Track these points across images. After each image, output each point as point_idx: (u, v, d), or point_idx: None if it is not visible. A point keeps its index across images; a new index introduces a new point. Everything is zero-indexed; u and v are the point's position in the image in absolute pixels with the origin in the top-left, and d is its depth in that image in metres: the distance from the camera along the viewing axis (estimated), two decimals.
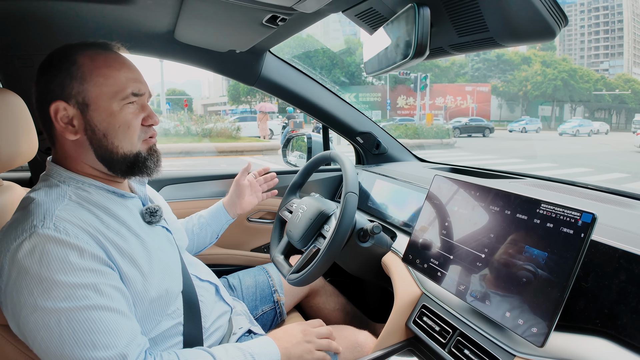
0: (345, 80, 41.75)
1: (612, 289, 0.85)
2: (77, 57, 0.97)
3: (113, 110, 0.97)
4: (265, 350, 1.07)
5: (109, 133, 0.98)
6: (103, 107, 0.97)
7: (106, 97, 0.97)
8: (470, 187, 1.09)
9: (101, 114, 0.97)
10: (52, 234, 0.85)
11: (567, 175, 11.41)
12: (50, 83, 0.96)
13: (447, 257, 1.08)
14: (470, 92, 43.50)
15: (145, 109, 1.04)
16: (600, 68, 64.66)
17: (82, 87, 0.96)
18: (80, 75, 0.95)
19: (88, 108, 0.97)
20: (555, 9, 0.85)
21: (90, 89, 0.96)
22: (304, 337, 1.16)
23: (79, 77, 0.95)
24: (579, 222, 0.81)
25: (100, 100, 0.97)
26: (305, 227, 1.40)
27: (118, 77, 0.98)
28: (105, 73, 0.97)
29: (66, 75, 0.96)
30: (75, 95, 0.96)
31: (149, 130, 1.05)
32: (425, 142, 19.97)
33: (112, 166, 1.02)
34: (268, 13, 1.23)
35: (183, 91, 58.37)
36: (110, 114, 0.97)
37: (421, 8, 0.91)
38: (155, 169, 1.08)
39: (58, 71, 0.96)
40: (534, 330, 0.82)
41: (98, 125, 0.98)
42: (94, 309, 0.84)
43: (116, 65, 0.99)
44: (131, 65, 1.03)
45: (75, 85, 0.95)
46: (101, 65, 0.97)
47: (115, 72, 0.98)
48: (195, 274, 1.25)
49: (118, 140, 1.00)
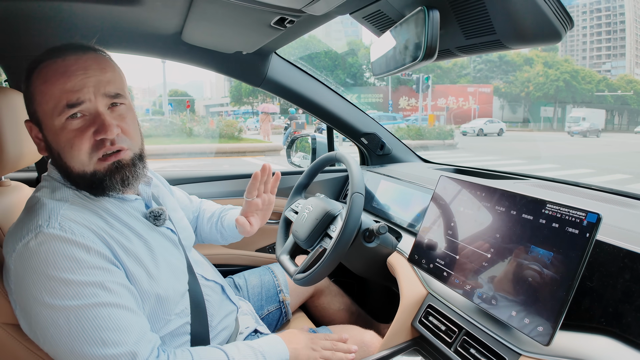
0: (347, 81, 41.72)
1: (617, 288, 0.86)
2: (32, 74, 0.94)
3: (56, 128, 0.92)
4: (275, 349, 1.08)
5: (60, 152, 0.95)
6: (49, 126, 0.93)
7: (47, 115, 0.92)
8: (476, 188, 1.10)
9: (49, 134, 0.94)
10: (58, 234, 0.86)
11: (570, 176, 11.39)
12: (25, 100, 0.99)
13: (453, 257, 1.08)
14: (472, 93, 43.42)
15: (96, 121, 0.93)
16: (603, 69, 64.45)
17: (32, 107, 0.95)
18: (30, 96, 0.95)
19: (41, 128, 0.96)
20: (561, 11, 0.86)
21: (37, 109, 0.94)
22: (311, 344, 1.17)
23: (29, 98, 0.95)
24: (584, 222, 0.82)
25: (45, 119, 0.93)
26: (311, 227, 1.41)
27: (52, 91, 0.91)
28: (42, 90, 0.92)
29: (25, 95, 0.97)
30: (32, 115, 0.96)
31: (101, 145, 0.94)
32: (428, 143, 19.94)
33: (76, 185, 0.98)
34: (277, 15, 1.24)
35: (185, 92, 58.41)
36: (54, 133, 0.93)
37: (431, 11, 0.92)
38: (120, 189, 0.99)
39: (25, 89, 0.96)
40: (539, 329, 0.83)
41: (52, 144, 0.96)
42: (103, 306, 0.85)
43: (52, 78, 0.91)
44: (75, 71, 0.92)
45: (30, 106, 0.96)
46: (41, 82, 0.92)
47: (50, 86, 0.91)
48: (201, 273, 1.25)
49: (67, 160, 0.94)
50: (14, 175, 1.79)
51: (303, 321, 1.65)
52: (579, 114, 34.81)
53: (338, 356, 1.18)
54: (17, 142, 1.07)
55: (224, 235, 1.49)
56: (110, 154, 0.95)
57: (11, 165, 1.07)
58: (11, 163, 1.06)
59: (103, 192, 0.98)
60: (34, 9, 1.33)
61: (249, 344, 1.06)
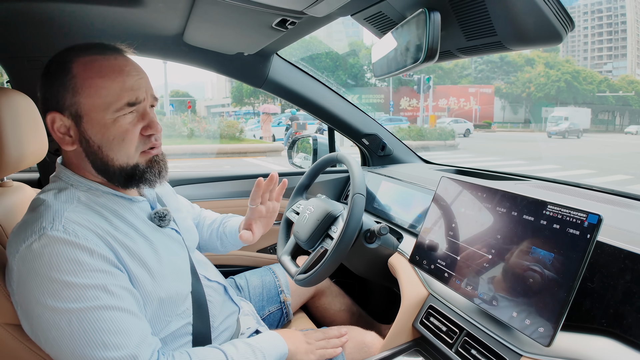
0: (348, 82, 41.70)
1: (618, 289, 0.86)
2: (72, 65, 0.94)
3: (106, 122, 0.94)
4: (273, 345, 1.10)
5: (104, 145, 0.96)
6: (96, 120, 0.94)
7: (99, 109, 0.93)
8: (477, 189, 1.10)
9: (94, 126, 0.94)
10: (62, 236, 0.85)
11: (571, 177, 11.38)
12: (47, 92, 0.95)
13: (454, 258, 1.09)
14: (474, 93, 43.36)
15: (145, 118, 0.99)
16: (604, 70, 64.36)
17: (74, 99, 0.93)
18: (72, 87, 0.93)
19: (81, 120, 0.94)
20: (562, 13, 0.86)
21: (83, 101, 0.93)
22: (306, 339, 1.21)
23: (71, 89, 0.93)
24: (585, 223, 0.82)
25: (92, 112, 0.94)
26: (312, 228, 1.41)
27: (111, 87, 0.93)
28: (97, 84, 0.93)
29: (60, 85, 0.93)
30: (69, 107, 0.94)
31: (148, 140, 1.01)
32: (429, 143, 19.94)
33: (110, 178, 1.00)
34: (278, 17, 1.24)
35: (186, 93, 58.33)
36: (103, 126, 0.94)
37: (432, 13, 0.92)
38: (156, 180, 1.04)
39: (54, 80, 0.94)
40: (540, 330, 0.83)
41: (92, 137, 0.95)
42: (105, 309, 0.85)
43: (110, 74, 0.94)
44: (130, 71, 0.97)
45: (68, 97, 0.93)
46: (94, 75, 0.93)
47: (108, 82, 0.93)
48: (204, 274, 1.25)
49: (113, 153, 0.96)
50: (16, 175, 1.79)
51: (304, 322, 1.65)
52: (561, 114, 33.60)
53: (332, 343, 1.26)
54: (19, 142, 1.07)
55: (224, 242, 1.48)
56: (152, 148, 1.02)
57: (13, 166, 1.07)
58: (13, 164, 1.06)
59: (138, 184, 1.02)
60: (36, 10, 1.34)
61: (247, 342, 1.06)
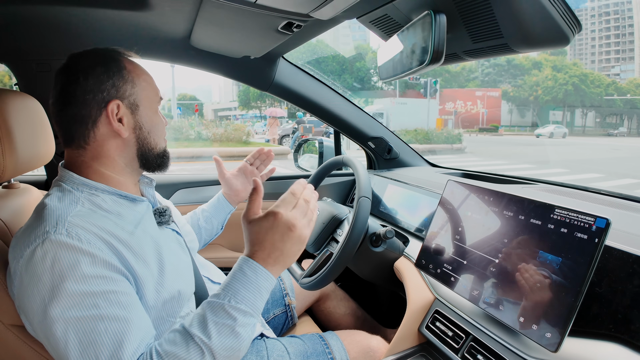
0: (354, 85, 41.73)
1: (626, 294, 0.85)
2: (123, 62, 1.04)
3: (154, 110, 1.10)
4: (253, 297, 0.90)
5: (152, 131, 1.09)
6: (149, 108, 1.08)
7: (149, 99, 1.08)
8: (484, 192, 1.09)
9: (147, 114, 1.07)
10: (65, 240, 0.85)
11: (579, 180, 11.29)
12: (102, 83, 0.99)
13: (461, 262, 1.08)
14: (481, 97, 43.28)
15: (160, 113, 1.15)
16: (612, 73, 64.09)
17: (133, 89, 1.04)
18: (131, 79, 1.04)
19: (138, 109, 1.05)
20: (569, 15, 0.86)
21: (139, 92, 1.05)
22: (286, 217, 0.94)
23: (130, 81, 1.04)
24: (593, 227, 0.81)
25: (146, 101, 1.07)
26: (318, 231, 1.41)
27: (153, 82, 1.10)
28: (147, 79, 1.08)
29: (120, 77, 1.02)
30: (128, 97, 1.03)
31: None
32: (435, 147, 19.89)
33: (148, 161, 1.10)
34: (284, 20, 1.25)
35: (194, 96, 58.70)
36: (153, 114, 1.09)
37: (437, 15, 0.92)
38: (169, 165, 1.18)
39: (111, 73, 1.01)
40: (547, 335, 0.82)
41: (145, 124, 1.07)
42: (101, 320, 0.83)
43: (149, 74, 1.11)
44: None
45: (128, 87, 1.03)
46: (142, 71, 1.08)
47: (150, 79, 1.10)
48: (208, 275, 1.25)
49: (158, 137, 1.11)
50: (23, 177, 1.80)
51: (309, 325, 1.65)
52: None
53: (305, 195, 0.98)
54: (27, 145, 1.08)
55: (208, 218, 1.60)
56: None
57: (20, 168, 1.07)
58: (22, 165, 1.07)
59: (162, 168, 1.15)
60: (44, 14, 1.35)
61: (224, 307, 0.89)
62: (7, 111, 1.03)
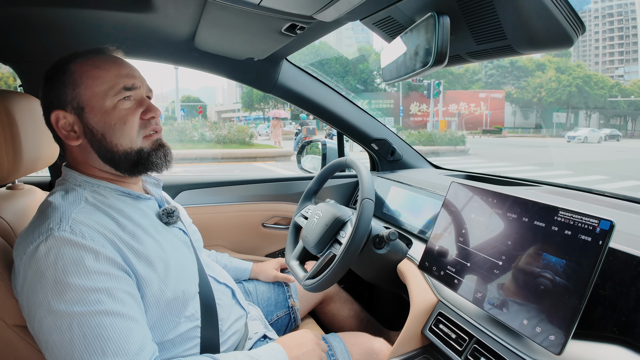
0: (358, 87, 41.73)
1: (630, 297, 0.84)
2: (70, 65, 1.00)
3: (107, 108, 0.99)
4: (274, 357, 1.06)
5: (107, 132, 1.00)
6: (97, 107, 0.99)
7: (98, 96, 0.98)
8: (487, 194, 1.09)
9: (96, 115, 0.99)
10: (68, 237, 0.86)
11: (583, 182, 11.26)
12: (48, 94, 1.00)
13: (464, 265, 1.08)
14: (484, 98, 43.20)
15: (143, 103, 1.04)
16: (615, 74, 63.98)
17: (74, 92, 0.98)
18: (72, 82, 0.98)
19: (83, 111, 0.99)
20: (573, 16, 0.85)
21: (82, 92, 0.98)
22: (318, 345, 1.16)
23: (71, 84, 0.98)
24: (597, 230, 0.81)
25: (93, 101, 0.99)
26: (321, 233, 1.40)
27: (107, 75, 0.99)
28: (94, 74, 0.99)
29: (60, 84, 0.99)
30: (71, 102, 0.99)
31: (149, 124, 1.05)
32: (439, 148, 19.88)
33: (117, 165, 1.03)
34: (287, 22, 1.25)
35: (197, 98, 58.79)
36: (104, 113, 0.99)
37: (441, 17, 0.92)
38: (163, 164, 1.08)
39: (54, 82, 0.99)
40: (551, 338, 0.82)
41: (95, 126, 0.99)
42: (106, 315, 0.84)
43: (105, 65, 1.01)
44: (123, 63, 1.04)
45: (68, 92, 0.98)
46: (90, 67, 0.99)
47: (103, 71, 1.00)
48: (213, 275, 1.26)
49: (116, 138, 1.00)
50: (28, 178, 1.81)
51: (312, 327, 1.65)
52: None
53: None
54: (32, 146, 1.08)
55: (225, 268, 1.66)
56: (154, 133, 1.06)
57: (26, 168, 1.08)
58: (26, 167, 1.08)
59: (145, 169, 1.05)
60: (48, 16, 1.35)
61: (248, 354, 1.04)
62: (12, 113, 1.04)
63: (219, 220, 2.05)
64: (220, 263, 1.63)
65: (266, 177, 2.22)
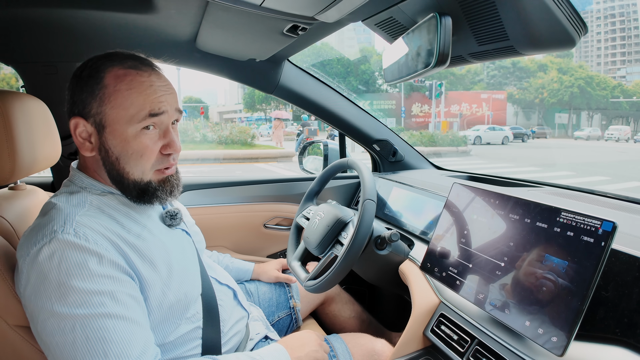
0: (359, 88, 41.69)
1: (632, 298, 0.84)
2: (105, 74, 0.95)
3: (127, 135, 0.95)
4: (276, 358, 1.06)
5: (122, 158, 0.97)
6: (119, 132, 0.95)
7: (122, 121, 0.95)
8: (489, 195, 1.09)
9: (116, 138, 0.96)
10: (72, 240, 0.86)
11: (585, 183, 11.24)
12: (74, 96, 0.97)
13: (466, 266, 1.07)
14: (486, 99, 43.07)
15: (167, 136, 1.00)
16: (618, 75, 63.83)
17: (100, 108, 0.95)
18: (100, 96, 0.94)
19: (104, 130, 0.96)
20: (575, 17, 0.85)
21: (108, 111, 0.94)
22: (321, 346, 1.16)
23: (99, 98, 0.94)
24: (599, 231, 0.81)
25: (116, 123, 0.95)
26: (322, 233, 1.40)
27: (137, 100, 0.95)
28: (125, 95, 0.94)
29: (89, 93, 0.95)
30: (94, 115, 0.95)
31: (165, 159, 1.02)
32: (440, 149, 19.86)
33: (123, 190, 1.01)
34: (289, 23, 1.25)
35: (199, 99, 58.76)
36: (124, 140, 0.96)
37: (443, 17, 0.92)
38: (167, 198, 1.05)
39: (84, 86, 0.95)
40: (553, 339, 0.81)
41: (112, 148, 0.97)
42: (109, 317, 0.84)
43: (139, 87, 0.95)
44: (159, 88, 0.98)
45: (95, 105, 0.95)
46: (123, 87, 0.94)
47: (135, 94, 0.95)
48: (215, 276, 1.25)
49: (129, 167, 0.98)
50: (30, 179, 1.81)
51: (313, 328, 1.65)
52: None
53: None
54: (33, 147, 1.08)
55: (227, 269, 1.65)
56: (167, 168, 1.03)
57: (26, 169, 1.08)
58: (26, 167, 1.08)
59: (150, 200, 1.02)
60: (50, 17, 1.36)
61: (250, 355, 1.04)
62: (14, 113, 1.03)
63: (220, 221, 2.05)
64: (221, 264, 1.62)
65: (268, 177, 2.22)
